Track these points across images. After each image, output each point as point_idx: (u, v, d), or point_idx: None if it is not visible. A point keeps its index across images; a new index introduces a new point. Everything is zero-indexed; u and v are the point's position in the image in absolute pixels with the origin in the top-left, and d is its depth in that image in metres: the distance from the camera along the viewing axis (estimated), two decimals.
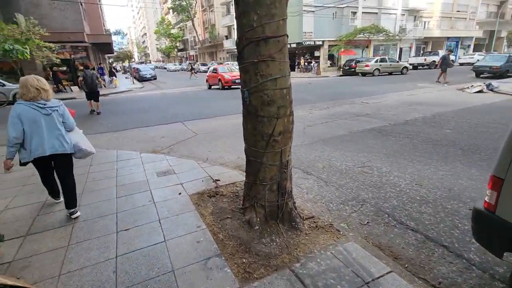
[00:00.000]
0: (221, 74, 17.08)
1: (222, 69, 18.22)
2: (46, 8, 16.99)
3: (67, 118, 3.00)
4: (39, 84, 2.75)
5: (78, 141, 3.09)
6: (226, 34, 40.58)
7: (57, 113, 2.86)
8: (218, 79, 17.12)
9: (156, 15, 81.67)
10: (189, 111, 10.07)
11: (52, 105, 2.82)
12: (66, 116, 2.99)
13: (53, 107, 2.82)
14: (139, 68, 29.31)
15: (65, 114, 2.97)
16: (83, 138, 3.24)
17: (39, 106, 2.72)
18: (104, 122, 8.72)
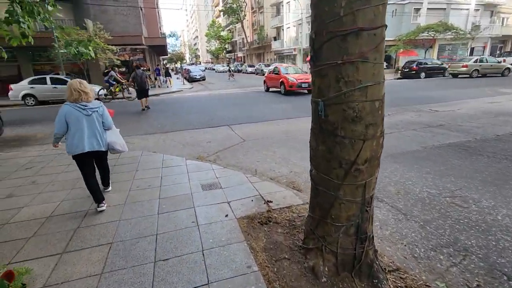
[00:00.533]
0: (284, 76, 14.45)
1: (284, 69, 15.54)
2: (111, 13, 18.34)
3: (106, 118, 3.28)
4: (81, 87, 3.05)
5: (114, 141, 3.43)
6: (274, 36, 40.22)
7: (97, 113, 3.15)
8: (280, 82, 14.53)
9: (207, 18, 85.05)
10: (236, 114, 9.75)
11: (92, 106, 3.11)
12: (105, 116, 3.27)
13: (94, 108, 3.11)
14: (190, 69, 30.41)
15: (104, 114, 3.25)
16: (118, 137, 3.53)
17: (81, 107, 3.02)
18: (153, 122, 8.80)
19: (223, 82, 25.70)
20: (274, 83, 15.48)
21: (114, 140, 3.41)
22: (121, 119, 9.44)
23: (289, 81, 13.93)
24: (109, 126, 3.34)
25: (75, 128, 3.01)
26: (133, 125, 8.51)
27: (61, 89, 14.31)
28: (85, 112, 3.03)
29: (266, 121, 8.61)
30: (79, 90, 3.02)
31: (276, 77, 15.24)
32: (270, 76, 16.21)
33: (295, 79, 13.92)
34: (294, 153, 5.54)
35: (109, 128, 3.35)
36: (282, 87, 14.49)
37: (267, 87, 16.51)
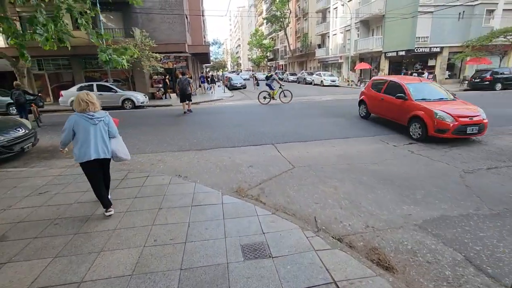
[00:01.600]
0: (421, 106, 6.98)
1: (416, 89, 7.68)
2: (157, 22, 18.53)
3: (112, 126, 3.41)
4: (88, 98, 3.20)
5: (118, 149, 3.50)
6: (319, 43, 38.57)
7: (103, 123, 3.28)
8: (412, 117, 7.15)
9: (250, 27, 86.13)
10: (280, 129, 8.52)
11: (99, 116, 3.23)
12: (111, 125, 3.40)
13: (100, 118, 3.24)
14: (231, 77, 30.11)
15: (110, 124, 3.38)
16: (122, 145, 3.59)
17: (88, 117, 3.16)
18: (189, 136, 7.94)
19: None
20: (390, 112, 8.22)
21: (117, 148, 3.49)
22: (158, 130, 8.78)
23: (439, 119, 6.49)
24: (114, 134, 3.45)
25: (83, 137, 3.16)
26: (168, 138, 7.73)
27: (106, 96, 14.46)
28: (92, 121, 3.17)
29: (316, 140, 7.25)
30: (87, 101, 3.18)
31: (397, 103, 7.71)
32: (377, 95, 8.92)
33: (452, 115, 6.45)
34: (363, 193, 4.12)
35: (113, 136, 3.46)
36: (414, 126, 7.07)
37: (366, 112, 9.63)
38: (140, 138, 7.95)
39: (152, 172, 5.17)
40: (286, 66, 55.09)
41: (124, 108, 14.64)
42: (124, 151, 3.58)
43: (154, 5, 17.98)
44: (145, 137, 8.03)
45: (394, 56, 24.05)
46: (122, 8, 17.82)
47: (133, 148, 6.96)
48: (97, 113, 3.23)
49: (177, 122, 10.38)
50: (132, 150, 6.97)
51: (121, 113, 13.25)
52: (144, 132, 8.69)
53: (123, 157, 3.56)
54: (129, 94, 14.71)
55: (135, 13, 17.93)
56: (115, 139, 3.49)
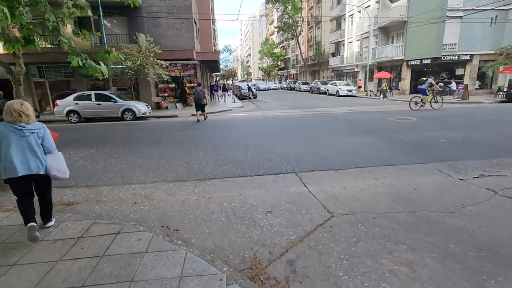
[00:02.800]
0: None
1: None
2: (164, 27, 17.45)
3: (47, 141, 3.10)
4: (21, 109, 2.93)
5: (52, 165, 3.13)
6: (332, 51, 37.11)
7: (36, 135, 2.99)
8: None
9: (261, 36, 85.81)
10: (302, 150, 6.91)
11: (31, 128, 2.95)
12: (46, 139, 3.09)
13: (32, 130, 2.95)
14: (241, 86, 28.87)
15: (45, 137, 3.07)
16: (57, 162, 3.22)
17: (17, 128, 2.88)
18: (190, 159, 6.40)
19: (276, 101, 23.26)
20: None
21: (52, 165, 3.12)
22: (153, 150, 7.29)
23: None
24: (50, 149, 3.14)
25: (8, 150, 2.86)
26: (164, 161, 6.21)
27: (105, 106, 13.23)
28: (22, 133, 2.90)
29: (351, 167, 5.60)
30: (20, 112, 2.91)
31: None
32: None
33: None
34: (465, 284, 2.42)
35: (49, 151, 3.14)
36: None
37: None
38: (130, 160, 6.47)
39: (128, 222, 3.61)
40: (297, 75, 53.78)
41: (124, 119, 13.35)
42: (60, 168, 3.21)
43: (161, 9, 16.92)
44: (135, 159, 6.55)
45: (417, 65, 22.27)
46: (127, 13, 16.82)
47: (117, 175, 5.48)
48: (31, 125, 2.97)
49: (179, 138, 8.91)
50: (115, 179, 5.52)
51: (117, 126, 11.92)
52: (136, 152, 7.22)
53: (58, 176, 3.20)
54: (130, 104, 13.44)
55: (141, 17, 16.90)
56: (51, 154, 3.18)
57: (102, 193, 4.69)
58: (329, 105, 18.97)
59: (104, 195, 4.62)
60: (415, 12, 21.13)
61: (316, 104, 19.29)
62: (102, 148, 7.62)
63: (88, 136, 9.72)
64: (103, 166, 6.07)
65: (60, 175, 3.22)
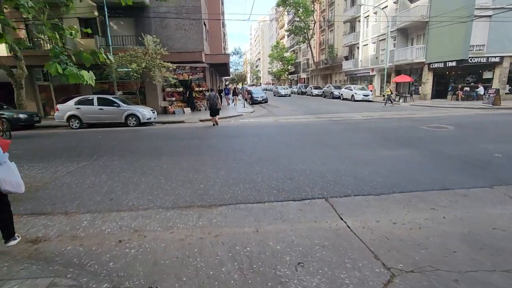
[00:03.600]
0: None
1: None
2: (172, 29, 16.68)
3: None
4: None
5: (3, 179, 2.77)
6: (346, 55, 35.85)
7: None
8: None
9: (271, 40, 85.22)
10: (328, 165, 5.79)
11: None
12: None
13: None
14: (251, 90, 27.92)
15: None
16: (11, 174, 2.88)
17: None
18: (195, 177, 5.34)
19: (289, 106, 22.16)
20: None
21: (3, 178, 2.75)
22: (153, 164, 6.27)
23: None
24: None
25: None
26: (164, 180, 5.18)
27: (107, 111, 12.40)
28: None
29: (395, 191, 4.45)
30: None
31: None
32: None
33: None
34: None
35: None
36: None
37: None
38: (124, 176, 5.47)
39: (101, 280, 2.56)
40: (308, 79, 52.61)
41: (128, 125, 12.48)
42: (13, 181, 2.84)
43: (169, 10, 16.14)
44: (131, 175, 5.54)
45: (440, 68, 20.81)
46: (134, 14, 16.13)
47: (106, 197, 4.47)
48: None
49: (184, 149, 7.90)
50: (102, 203, 4.43)
51: (118, 133, 11.03)
52: (134, 165, 6.22)
53: (11, 190, 2.86)
54: (134, 109, 12.58)
55: (148, 17, 16.17)
56: (2, 166, 2.79)
57: (81, 225, 3.68)
58: (346, 110, 17.74)
59: (83, 228, 3.59)
60: (438, 12, 19.78)
61: (332, 110, 18.10)
62: (95, 160, 6.67)
63: (85, 144, 8.83)
64: (91, 185, 5.08)
65: (14, 189, 2.89)
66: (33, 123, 13.19)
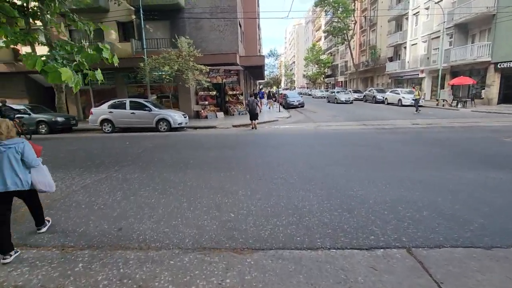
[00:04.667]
0: None
1: None
2: (206, 30, 16.14)
3: (27, 155, 3.01)
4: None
5: (37, 180, 3.12)
6: (390, 56, 33.08)
7: (13, 150, 2.93)
8: None
9: (307, 43, 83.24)
10: (397, 192, 4.41)
11: (8, 144, 2.90)
12: (26, 154, 3.00)
13: (9, 145, 2.90)
14: (287, 94, 26.66)
15: (24, 152, 2.99)
16: (43, 175, 3.20)
17: None
18: (223, 201, 4.30)
19: (328, 111, 20.53)
20: None
21: (37, 180, 3.12)
22: (176, 178, 5.33)
23: None
24: (31, 164, 3.05)
25: None
26: (186, 203, 4.20)
27: (139, 115, 12.02)
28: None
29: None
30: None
31: None
32: None
33: None
34: None
35: (30, 166, 3.06)
36: None
37: None
38: (141, 196, 4.59)
39: None
40: (346, 83, 49.96)
41: (159, 130, 11.97)
42: (45, 183, 3.20)
43: (204, 10, 15.62)
44: (149, 194, 4.65)
45: (510, 68, 17.78)
46: (169, 16, 15.87)
47: (114, 225, 3.58)
48: (7, 140, 2.91)
49: (213, 160, 6.92)
50: (107, 233, 3.46)
51: (147, 139, 10.46)
52: (155, 180, 5.35)
53: (44, 190, 3.21)
54: (165, 113, 12.05)
55: (183, 18, 15.80)
56: (35, 169, 3.11)
57: (74, 269, 2.78)
58: (394, 116, 15.73)
59: (75, 275, 2.69)
60: (509, 2, 16.93)
61: (379, 116, 16.19)
62: (115, 172, 5.94)
63: (110, 152, 8.29)
64: (103, 205, 4.25)
65: (47, 189, 3.23)
66: (71, 126, 13.30)
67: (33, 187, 3.11)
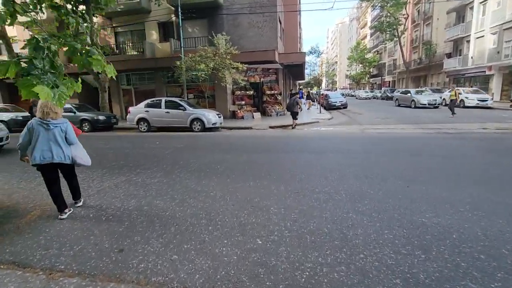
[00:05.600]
0: None
1: None
2: (244, 27, 15.54)
3: (69, 134, 3.51)
4: (46, 108, 3.33)
5: (76, 155, 3.60)
6: (447, 52, 29.45)
7: (59, 129, 3.41)
8: None
9: (350, 42, 79.30)
10: (488, 217, 3.13)
11: (55, 122, 3.39)
12: (68, 132, 3.50)
13: (56, 124, 3.40)
14: (328, 94, 25.03)
15: (67, 130, 3.49)
16: (81, 152, 3.69)
17: (44, 122, 3.35)
18: (249, 220, 3.43)
19: (375, 113, 18.61)
20: None
21: (76, 154, 3.58)
22: (201, 188, 4.60)
23: None
24: (72, 141, 3.54)
25: (36, 140, 3.33)
26: (207, 219, 3.42)
27: (173, 115, 11.78)
28: (47, 126, 3.34)
29: None
30: (45, 110, 3.32)
31: None
32: None
33: None
34: None
35: (71, 143, 3.54)
36: None
37: None
38: (156, 205, 3.92)
39: None
40: (394, 83, 46.11)
41: (192, 130, 11.58)
42: (83, 158, 3.67)
43: (243, 6, 15.03)
44: (166, 204, 3.97)
45: None
46: (207, 14, 15.60)
47: (116, 245, 2.92)
48: (56, 120, 3.38)
49: (244, 166, 6.09)
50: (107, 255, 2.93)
51: (178, 139, 10.05)
52: (175, 187, 4.68)
53: (82, 163, 3.66)
54: (199, 113, 11.62)
55: (221, 14, 15.41)
56: (74, 146, 3.59)
57: None
58: (457, 119, 13.47)
59: None
60: None
61: (436, 118, 14.04)
62: (136, 175, 5.43)
63: (137, 152, 7.95)
64: (111, 217, 3.67)
65: (83, 163, 3.68)
66: (112, 125, 13.61)
67: (73, 160, 3.55)
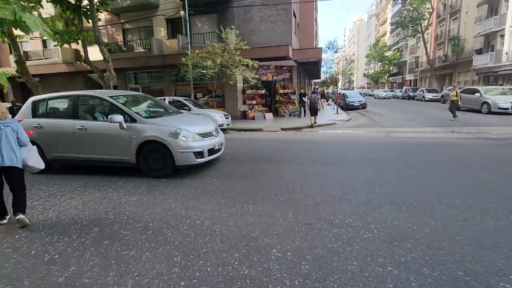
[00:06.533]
0: None
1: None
2: (256, 22, 14.50)
3: (21, 134, 3.28)
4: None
5: (28, 157, 3.33)
6: (478, 48, 27.20)
7: (10, 128, 3.17)
8: None
9: (368, 40, 76.61)
10: None
11: (5, 122, 3.15)
12: (20, 132, 3.28)
13: (6, 124, 3.15)
14: (346, 93, 23.58)
15: (19, 131, 3.26)
16: (33, 154, 3.43)
17: None
18: (249, 274, 2.40)
19: (398, 114, 17.10)
20: None
21: (28, 156, 3.34)
22: (194, 212, 3.63)
23: None
24: (24, 142, 3.33)
25: None
26: (184, 265, 2.43)
27: None
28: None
29: None
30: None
31: None
32: None
33: None
34: None
35: (23, 144, 3.33)
36: None
37: None
38: (118, 248, 2.97)
39: None
40: (416, 81, 43.67)
41: None
42: (34, 160, 3.43)
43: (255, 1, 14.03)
44: (132, 245, 3.01)
45: None
46: (217, 8, 14.71)
47: None
48: (5, 120, 3.18)
49: (247, 182, 5.02)
50: None
51: None
52: (152, 213, 3.71)
53: (34, 166, 3.42)
54: (204, 113, 10.70)
55: (231, 8, 14.51)
56: (26, 148, 3.37)
57: None
58: (495, 122, 11.86)
59: None
60: None
61: (468, 120, 12.47)
62: (114, 190, 4.52)
63: None
64: (51, 266, 2.74)
65: (36, 166, 3.42)
66: None
67: (24, 164, 3.25)
